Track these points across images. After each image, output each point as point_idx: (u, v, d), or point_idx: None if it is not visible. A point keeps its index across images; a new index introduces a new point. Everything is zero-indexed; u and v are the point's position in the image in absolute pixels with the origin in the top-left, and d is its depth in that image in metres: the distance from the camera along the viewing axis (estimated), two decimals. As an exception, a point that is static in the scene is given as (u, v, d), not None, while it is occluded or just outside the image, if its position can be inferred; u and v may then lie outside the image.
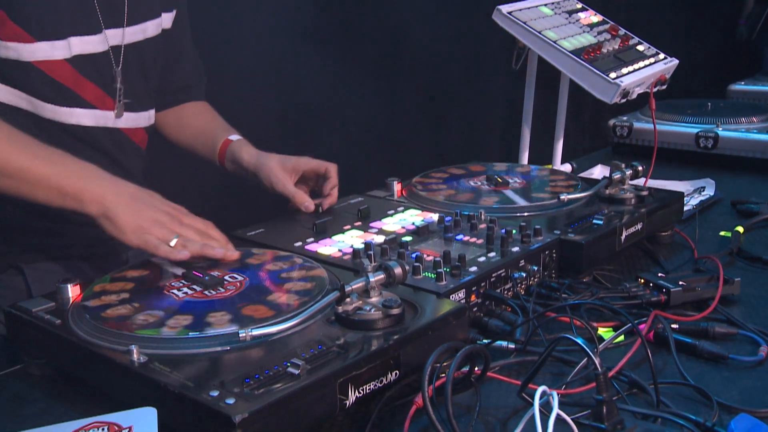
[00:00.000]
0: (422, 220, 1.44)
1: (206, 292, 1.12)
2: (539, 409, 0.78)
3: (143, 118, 1.53)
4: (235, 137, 1.62)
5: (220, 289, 1.13)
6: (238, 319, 1.03)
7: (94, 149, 1.43)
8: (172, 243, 1.20)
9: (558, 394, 0.79)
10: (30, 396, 1.07)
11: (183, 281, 1.16)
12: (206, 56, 1.78)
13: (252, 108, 2.47)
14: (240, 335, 0.96)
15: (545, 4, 2.09)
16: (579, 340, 0.83)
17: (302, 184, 1.57)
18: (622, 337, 1.15)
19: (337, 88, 2.76)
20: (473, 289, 1.19)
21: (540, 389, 0.79)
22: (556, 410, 0.76)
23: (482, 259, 1.25)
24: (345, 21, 2.74)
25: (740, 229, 1.59)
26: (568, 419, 0.79)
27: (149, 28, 1.51)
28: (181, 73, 1.67)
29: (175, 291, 1.13)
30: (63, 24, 1.34)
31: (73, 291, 1.14)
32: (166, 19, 1.56)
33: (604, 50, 1.98)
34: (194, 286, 1.14)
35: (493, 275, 1.22)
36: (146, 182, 1.58)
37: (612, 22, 2.17)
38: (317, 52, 2.67)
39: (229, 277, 1.17)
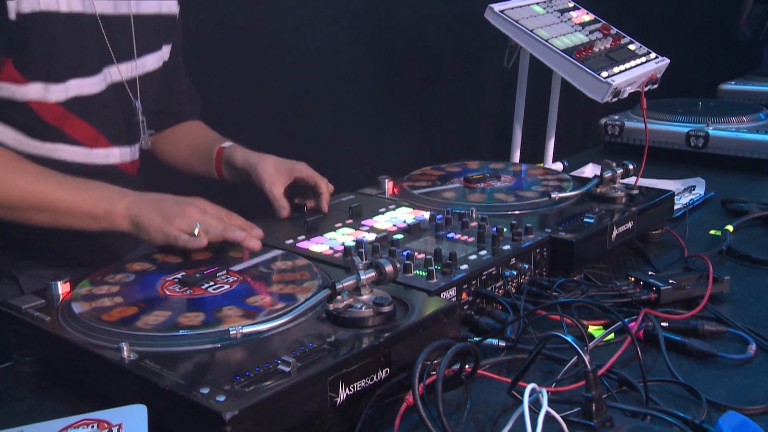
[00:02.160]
0: (413, 218, 1.44)
1: (198, 290, 1.11)
2: (529, 407, 0.78)
3: (136, 150, 1.55)
4: (227, 144, 1.62)
5: (213, 286, 1.13)
6: (212, 320, 1.02)
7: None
8: (195, 231, 1.21)
9: (548, 392, 0.80)
10: (19, 393, 1.07)
11: (176, 279, 1.16)
12: (201, 55, 1.78)
13: (243, 107, 2.46)
14: (231, 333, 0.96)
15: (537, 3, 2.10)
16: (569, 338, 0.83)
17: (294, 188, 1.57)
18: (612, 335, 1.16)
19: (327, 87, 2.76)
20: (464, 287, 1.19)
21: (529, 387, 0.79)
22: (545, 408, 0.77)
23: (473, 257, 1.25)
24: (338, 19, 2.73)
25: (730, 227, 1.60)
26: (558, 417, 0.79)
27: (153, 62, 1.53)
28: (175, 96, 1.69)
29: (166, 288, 1.13)
30: (62, 67, 1.35)
31: (62, 288, 1.13)
32: (166, 52, 1.58)
33: (596, 49, 1.99)
34: (185, 284, 1.14)
35: (484, 273, 1.22)
36: (143, 184, 1.59)
37: (604, 21, 2.18)
38: (309, 50, 2.67)
39: (223, 276, 1.17)
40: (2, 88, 1.31)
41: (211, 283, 1.14)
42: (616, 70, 1.92)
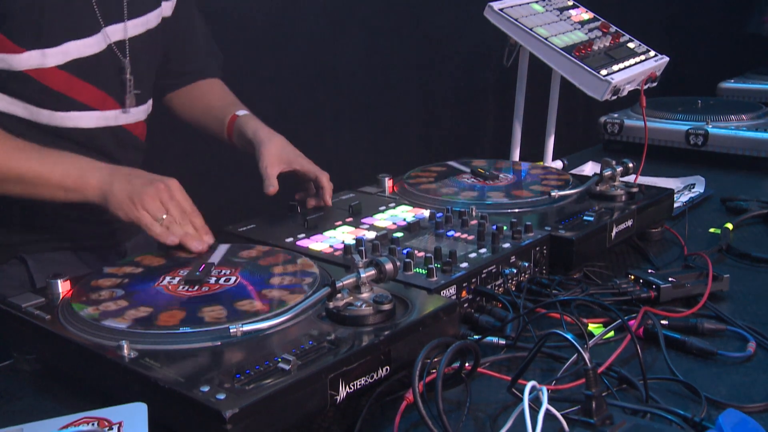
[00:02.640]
0: (413, 216, 1.44)
1: (198, 289, 1.11)
2: (529, 405, 0.78)
3: (143, 111, 1.54)
4: (242, 112, 1.61)
5: (212, 284, 1.13)
6: (230, 315, 1.03)
7: (92, 150, 1.43)
8: (162, 220, 1.23)
9: (548, 390, 0.80)
10: (19, 392, 1.07)
11: (177, 276, 1.16)
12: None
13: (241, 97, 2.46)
14: (231, 331, 0.96)
15: (536, 1, 2.10)
16: (569, 336, 0.83)
17: (291, 179, 1.56)
18: (612, 333, 1.16)
19: (327, 85, 2.75)
20: (464, 285, 1.19)
21: (529, 384, 0.79)
22: (545, 405, 0.77)
23: (473, 255, 1.25)
24: (336, 16, 2.73)
25: (729, 226, 1.60)
26: (558, 414, 0.79)
27: (150, 20, 1.51)
28: (190, 55, 1.68)
29: (166, 286, 1.13)
30: (57, 31, 1.34)
31: (63, 286, 1.13)
32: (166, 8, 1.56)
33: (595, 47, 1.98)
34: (186, 282, 1.14)
35: (484, 271, 1.22)
36: (150, 151, 1.58)
37: (603, 20, 2.17)
38: (309, 48, 2.67)
39: (221, 272, 1.17)
40: (0, 59, 1.31)
41: (214, 279, 1.14)
42: (615, 68, 1.91)
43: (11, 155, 1.28)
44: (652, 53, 2.09)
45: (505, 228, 1.34)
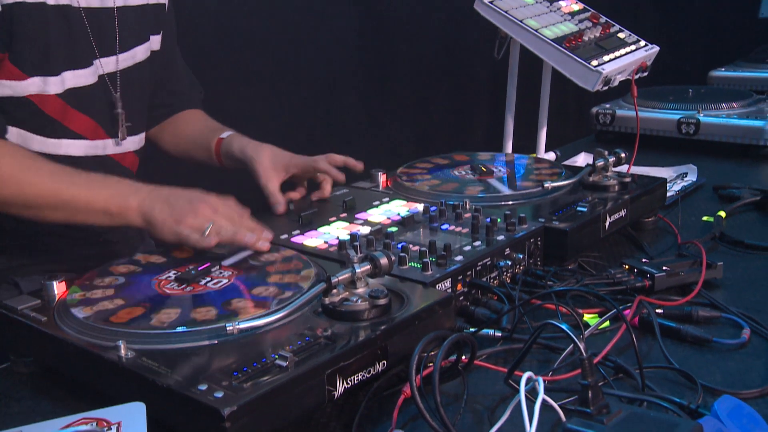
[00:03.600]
0: (407, 211, 1.45)
1: (194, 288, 1.12)
2: (525, 395, 0.79)
3: (132, 143, 1.55)
4: (227, 134, 1.62)
5: (207, 282, 1.13)
6: (226, 313, 1.03)
7: None
8: (206, 232, 1.21)
9: (544, 380, 0.80)
10: (17, 394, 1.07)
11: (172, 276, 1.16)
12: (196, 48, 1.78)
13: (236, 103, 2.46)
14: (227, 329, 0.96)
15: (526, -7, 2.10)
16: (564, 326, 0.83)
17: (297, 179, 1.57)
18: (607, 323, 1.16)
19: (319, 80, 2.75)
20: (459, 278, 1.19)
21: (525, 375, 0.80)
22: (541, 395, 0.77)
23: (468, 248, 1.26)
24: (328, 11, 2.73)
25: (722, 213, 1.61)
26: (554, 404, 0.80)
27: (139, 53, 1.53)
28: (172, 85, 1.69)
29: (161, 286, 1.13)
30: (56, 60, 1.35)
31: (58, 288, 1.13)
32: (155, 42, 1.58)
33: (586, 38, 1.99)
34: (181, 281, 1.14)
35: (479, 264, 1.23)
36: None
37: (593, 10, 2.18)
38: (302, 45, 2.66)
39: (217, 271, 1.17)
40: (4, 85, 1.32)
41: (208, 279, 1.14)
42: (606, 58, 1.92)
43: (56, 180, 1.26)
44: (642, 43, 2.10)
45: (499, 220, 1.34)
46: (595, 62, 1.87)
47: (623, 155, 1.58)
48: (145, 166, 1.65)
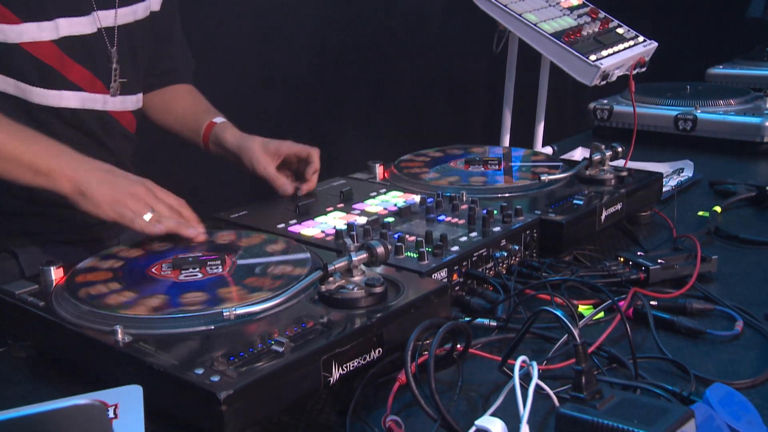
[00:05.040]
0: (404, 202, 1.45)
1: (191, 273, 1.12)
2: (519, 382, 0.79)
3: (131, 102, 1.53)
4: (219, 120, 1.62)
5: (205, 269, 1.13)
6: (222, 299, 1.03)
7: (83, 133, 1.43)
8: (147, 217, 1.21)
9: (537, 366, 0.81)
10: (14, 378, 1.07)
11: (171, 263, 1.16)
12: (194, 37, 1.77)
13: (233, 89, 2.46)
14: (224, 314, 0.97)
15: (525, -13, 2.10)
16: (558, 313, 0.84)
17: (284, 168, 1.57)
18: (602, 314, 1.17)
19: (319, 71, 2.76)
20: (455, 268, 1.20)
21: (519, 359, 0.81)
22: (535, 380, 0.78)
23: (464, 239, 1.26)
24: (327, 4, 2.73)
25: (718, 209, 1.62)
26: (549, 390, 0.80)
27: (139, 10, 1.51)
28: (168, 56, 1.67)
29: (159, 271, 1.13)
30: (50, 4, 1.33)
31: (56, 273, 1.14)
32: (155, 2, 1.56)
33: (584, 33, 1.99)
34: (174, 266, 1.14)
35: (475, 255, 1.23)
36: (134, 166, 1.59)
37: (592, 5, 2.18)
38: (300, 37, 2.66)
39: (213, 258, 1.17)
40: None
41: (206, 265, 1.14)
42: (604, 53, 1.92)
43: None
44: (640, 39, 2.10)
45: (495, 212, 1.35)
46: (593, 57, 1.88)
47: (620, 149, 1.59)
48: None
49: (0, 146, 1.22)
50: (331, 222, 1.37)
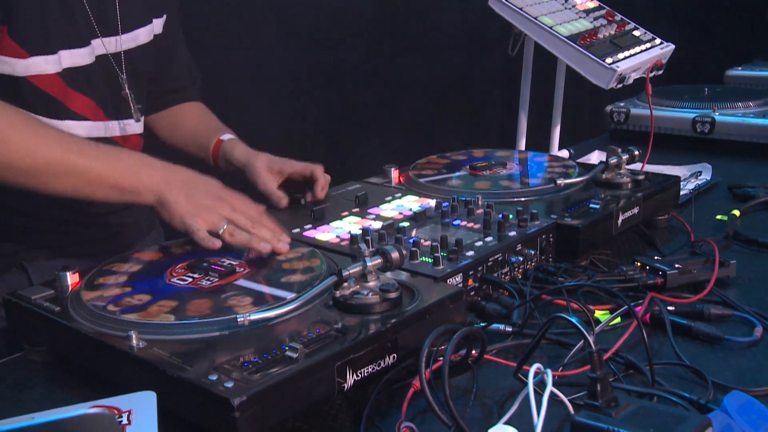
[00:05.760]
0: (419, 206, 1.45)
1: (206, 280, 1.12)
2: (534, 389, 0.79)
3: (137, 125, 1.54)
4: (227, 137, 1.62)
5: (220, 274, 1.13)
6: (236, 305, 1.03)
7: None
8: (221, 231, 1.20)
9: (552, 373, 0.80)
10: (30, 382, 1.08)
11: (186, 268, 1.16)
12: (207, 41, 1.78)
13: (247, 95, 2.47)
14: (238, 320, 0.97)
15: (541, -10, 2.09)
16: (573, 319, 0.83)
17: (290, 187, 1.57)
18: (618, 320, 1.16)
19: (333, 75, 2.76)
20: (470, 273, 1.19)
21: (534, 367, 0.80)
22: (549, 387, 0.77)
23: (479, 243, 1.26)
24: (340, 5, 2.73)
25: (736, 212, 1.60)
26: (564, 398, 0.80)
27: (141, 36, 1.52)
28: (174, 74, 1.68)
29: (175, 278, 1.14)
30: (53, 38, 1.34)
31: (72, 279, 1.14)
32: (157, 25, 1.57)
33: (600, 36, 1.98)
34: (195, 273, 1.14)
35: (490, 260, 1.23)
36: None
37: (608, 8, 2.17)
38: (316, 39, 2.67)
39: (230, 263, 1.18)
40: (4, 62, 1.30)
41: (221, 271, 1.14)
42: (620, 56, 1.91)
43: (66, 147, 1.21)
44: (657, 41, 2.09)
45: (511, 216, 1.34)
46: (609, 60, 1.87)
47: (637, 153, 1.58)
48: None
49: (85, 171, 1.20)
50: (346, 227, 1.37)
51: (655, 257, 1.33)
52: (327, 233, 1.34)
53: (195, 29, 1.75)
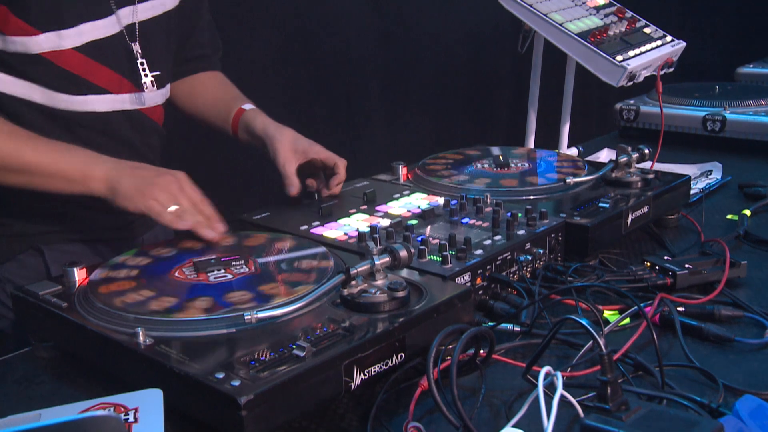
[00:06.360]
0: (428, 204, 1.44)
1: (213, 276, 1.12)
2: (544, 391, 0.78)
3: (161, 94, 1.52)
4: (248, 106, 1.60)
5: (227, 272, 1.13)
6: (244, 302, 1.03)
7: (111, 136, 1.44)
8: (171, 209, 1.22)
9: (562, 375, 0.79)
10: (37, 378, 1.08)
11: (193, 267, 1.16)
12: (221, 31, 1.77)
13: (255, 89, 2.46)
14: (245, 318, 0.96)
15: (552, -13, 2.08)
16: (583, 321, 0.83)
17: (306, 169, 1.56)
18: (627, 320, 1.15)
19: (342, 71, 2.75)
20: (479, 272, 1.18)
21: (544, 370, 0.79)
22: (560, 391, 0.77)
23: (488, 242, 1.25)
24: (352, 6, 2.72)
25: (747, 212, 1.59)
26: (573, 400, 0.79)
27: (166, 2, 1.50)
28: (197, 42, 1.66)
29: (182, 274, 1.13)
30: (71, 12, 1.33)
31: (79, 274, 1.14)
32: None
33: (611, 33, 1.97)
34: (195, 268, 1.14)
35: (499, 258, 1.22)
36: (162, 162, 1.58)
37: (618, 5, 2.16)
38: (324, 37, 2.66)
39: (234, 260, 1.17)
40: (15, 42, 1.30)
41: (223, 270, 1.14)
42: (631, 53, 1.90)
43: (19, 146, 1.27)
44: (668, 38, 2.07)
45: (519, 215, 1.33)
46: (620, 57, 1.85)
47: (647, 151, 1.57)
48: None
49: (34, 163, 1.27)
50: (353, 224, 1.36)
51: (665, 257, 1.32)
52: (335, 230, 1.33)
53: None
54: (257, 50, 2.49)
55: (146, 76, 1.46)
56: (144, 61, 1.46)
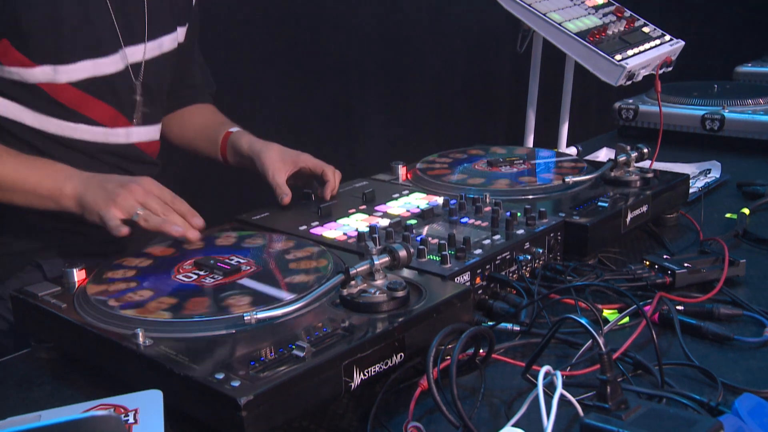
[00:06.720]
0: (427, 204, 1.44)
1: (212, 277, 1.12)
2: (543, 390, 0.78)
3: (153, 130, 1.55)
4: (234, 129, 1.61)
5: (226, 272, 1.13)
6: (244, 303, 1.03)
7: (100, 161, 1.44)
8: (135, 218, 1.21)
9: (562, 375, 0.79)
10: (37, 379, 1.08)
11: (193, 266, 1.16)
12: (218, 39, 1.77)
13: (255, 90, 2.46)
14: (245, 318, 0.96)
15: (550, -14, 2.08)
16: (583, 320, 0.83)
17: (298, 179, 1.56)
18: (627, 319, 1.15)
19: (340, 71, 2.75)
20: (478, 271, 1.19)
21: (543, 369, 0.79)
22: (559, 390, 0.77)
23: (487, 241, 1.25)
24: (349, 2, 2.72)
25: (746, 211, 1.59)
26: (573, 399, 0.79)
27: (165, 43, 1.52)
28: (189, 78, 1.69)
29: (181, 275, 1.13)
30: (73, 49, 1.35)
31: (78, 275, 1.14)
32: (181, 33, 1.58)
33: (610, 32, 1.97)
34: (200, 271, 1.14)
35: (498, 258, 1.22)
36: (162, 170, 1.59)
37: (617, 4, 2.16)
38: (322, 38, 2.66)
39: (236, 260, 1.17)
40: (11, 72, 1.32)
41: (226, 267, 1.14)
42: (629, 53, 1.90)
43: None
44: (667, 38, 2.08)
45: (518, 214, 1.34)
46: (618, 56, 1.86)
47: (645, 150, 1.57)
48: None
49: (6, 178, 1.28)
50: (353, 224, 1.37)
51: (664, 256, 1.32)
52: (334, 230, 1.33)
53: (206, 24, 1.75)
54: (257, 51, 2.49)
55: (143, 112, 1.48)
56: (142, 98, 1.47)
